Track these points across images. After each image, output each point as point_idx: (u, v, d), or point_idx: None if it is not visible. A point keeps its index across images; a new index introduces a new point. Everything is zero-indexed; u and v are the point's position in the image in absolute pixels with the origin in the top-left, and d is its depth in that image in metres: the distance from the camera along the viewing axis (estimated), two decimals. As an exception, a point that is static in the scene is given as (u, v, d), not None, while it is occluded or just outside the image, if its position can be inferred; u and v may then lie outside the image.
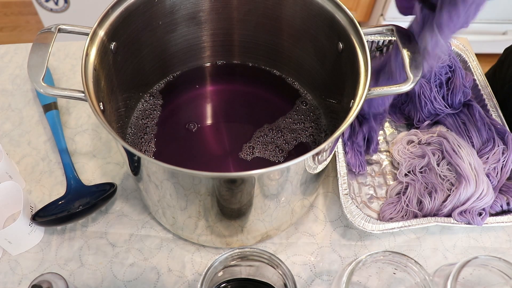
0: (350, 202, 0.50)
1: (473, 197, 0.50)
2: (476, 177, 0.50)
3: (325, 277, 0.49)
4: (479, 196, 0.50)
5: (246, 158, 0.51)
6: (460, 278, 0.38)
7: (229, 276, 0.42)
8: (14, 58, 0.69)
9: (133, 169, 0.43)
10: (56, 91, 0.39)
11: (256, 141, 0.53)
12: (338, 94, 0.49)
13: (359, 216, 0.49)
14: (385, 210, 0.52)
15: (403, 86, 0.40)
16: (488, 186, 0.50)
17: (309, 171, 0.41)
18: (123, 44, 0.46)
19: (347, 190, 0.51)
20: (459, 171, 0.51)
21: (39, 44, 0.40)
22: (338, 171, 0.52)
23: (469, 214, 0.50)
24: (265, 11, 0.52)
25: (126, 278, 0.48)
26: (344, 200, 0.50)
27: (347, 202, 0.50)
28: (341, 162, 0.53)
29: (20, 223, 0.46)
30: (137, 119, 0.54)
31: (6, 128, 0.61)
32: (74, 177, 0.54)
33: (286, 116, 0.55)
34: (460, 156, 0.52)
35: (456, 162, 0.52)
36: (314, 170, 0.43)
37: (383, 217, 0.52)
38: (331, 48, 0.48)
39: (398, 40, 0.43)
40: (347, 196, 0.51)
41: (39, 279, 0.41)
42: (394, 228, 0.49)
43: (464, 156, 0.52)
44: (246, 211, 0.43)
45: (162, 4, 0.49)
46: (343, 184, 0.52)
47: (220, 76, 0.60)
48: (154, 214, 0.51)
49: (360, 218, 0.49)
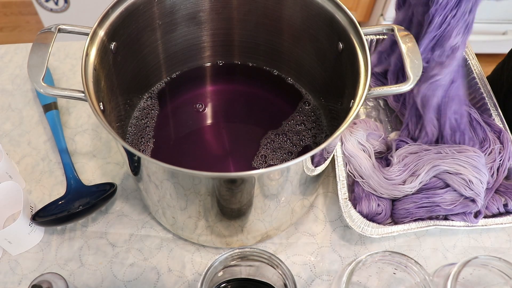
0: (349, 206, 0.50)
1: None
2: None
3: (325, 277, 0.49)
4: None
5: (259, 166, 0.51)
6: (460, 278, 0.38)
7: (229, 276, 0.42)
8: (14, 58, 0.69)
9: (133, 169, 0.43)
10: (56, 91, 0.39)
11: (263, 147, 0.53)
12: (338, 94, 0.49)
13: (358, 220, 0.49)
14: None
15: (403, 86, 0.40)
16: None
17: (309, 171, 0.41)
18: (123, 44, 0.46)
19: (347, 195, 0.51)
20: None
21: (39, 44, 0.40)
22: (337, 176, 0.52)
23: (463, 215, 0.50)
24: (265, 11, 0.52)
25: (126, 278, 0.48)
26: (344, 205, 0.50)
27: (347, 206, 0.50)
28: (340, 166, 0.53)
29: (20, 223, 0.46)
30: (137, 119, 0.54)
31: (6, 128, 0.61)
32: (74, 177, 0.54)
33: (287, 118, 0.55)
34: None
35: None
36: (314, 171, 0.43)
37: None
38: (331, 48, 0.48)
39: (398, 40, 0.43)
40: (346, 200, 0.50)
41: (39, 279, 0.41)
42: (393, 232, 0.49)
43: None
44: (246, 211, 0.43)
45: (162, 4, 0.49)
46: (342, 188, 0.51)
47: (220, 76, 0.60)
48: (154, 214, 0.51)
49: (359, 222, 0.49)
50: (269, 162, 0.51)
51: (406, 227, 0.49)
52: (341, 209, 0.50)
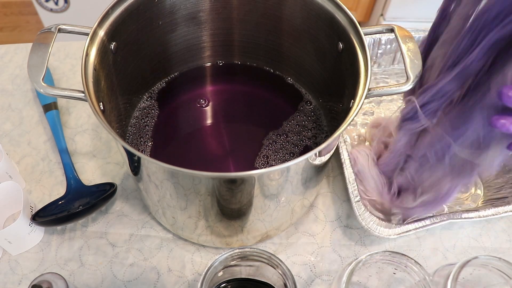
0: (363, 209, 0.49)
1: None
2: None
3: (325, 277, 0.49)
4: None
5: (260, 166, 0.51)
6: (460, 278, 0.38)
7: (229, 276, 0.42)
8: (14, 58, 0.69)
9: (133, 169, 0.43)
10: (56, 91, 0.39)
11: (265, 148, 0.53)
12: (338, 94, 0.49)
13: (374, 222, 0.48)
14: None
15: (403, 86, 0.40)
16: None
17: (309, 171, 0.41)
18: (123, 44, 0.46)
19: (359, 197, 0.49)
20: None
21: (39, 44, 0.40)
22: (347, 178, 0.50)
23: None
24: (265, 11, 0.52)
25: (126, 278, 0.48)
26: (357, 208, 0.49)
27: (360, 209, 0.49)
28: (348, 168, 0.51)
29: (20, 223, 0.46)
30: (137, 119, 0.54)
31: (6, 128, 0.61)
32: (74, 177, 0.54)
33: (288, 118, 0.55)
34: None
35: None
36: (314, 170, 0.43)
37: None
38: (331, 48, 0.48)
39: (398, 40, 0.43)
40: (359, 203, 0.49)
41: (39, 279, 0.41)
42: (410, 230, 0.48)
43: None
44: (246, 211, 0.43)
45: (162, 4, 0.49)
46: (353, 191, 0.50)
47: (220, 76, 0.60)
48: (154, 214, 0.51)
49: (375, 224, 0.48)
50: (271, 162, 0.51)
51: (421, 224, 0.48)
52: (354, 214, 0.49)
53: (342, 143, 0.54)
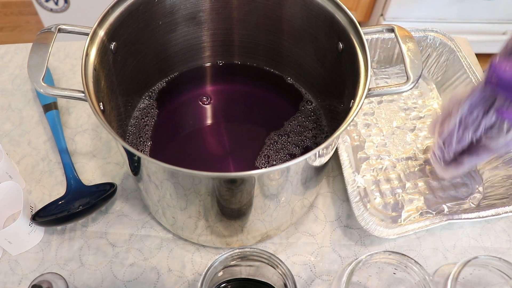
0: (362, 209, 0.49)
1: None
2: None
3: (325, 277, 0.49)
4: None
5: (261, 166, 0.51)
6: (460, 278, 0.38)
7: (229, 276, 0.42)
8: (14, 58, 0.69)
9: (133, 169, 0.43)
10: (56, 91, 0.39)
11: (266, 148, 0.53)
12: (338, 94, 0.49)
13: (373, 223, 0.48)
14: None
15: (403, 86, 0.40)
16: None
17: (309, 171, 0.41)
18: (123, 44, 0.46)
19: (358, 198, 0.50)
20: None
21: (39, 44, 0.40)
22: (346, 180, 0.51)
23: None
24: (265, 11, 0.52)
25: (126, 278, 0.48)
26: (356, 208, 0.49)
27: (359, 209, 0.49)
28: (346, 168, 0.51)
29: (20, 223, 0.46)
30: (137, 119, 0.54)
31: (6, 128, 0.61)
32: (74, 177, 0.54)
33: (287, 118, 0.55)
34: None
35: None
36: (314, 170, 0.43)
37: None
38: (331, 48, 0.48)
39: (399, 40, 0.43)
40: (358, 203, 0.49)
41: (39, 279, 0.41)
42: (410, 230, 0.48)
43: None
44: (246, 211, 0.43)
45: (162, 4, 0.49)
46: (352, 192, 0.50)
47: (220, 76, 0.60)
48: (154, 214, 0.51)
49: (375, 224, 0.48)
50: (272, 162, 0.51)
51: (420, 224, 0.48)
52: (353, 214, 0.49)
53: (341, 144, 0.54)
